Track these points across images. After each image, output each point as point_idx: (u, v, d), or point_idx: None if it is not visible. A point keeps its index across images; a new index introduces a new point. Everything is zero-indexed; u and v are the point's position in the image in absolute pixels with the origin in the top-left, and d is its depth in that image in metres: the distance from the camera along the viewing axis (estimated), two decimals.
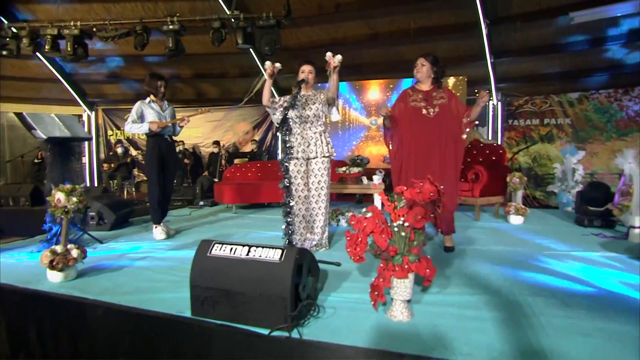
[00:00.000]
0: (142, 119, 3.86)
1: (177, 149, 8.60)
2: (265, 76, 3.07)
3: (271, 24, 5.41)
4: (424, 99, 3.13)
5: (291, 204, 2.81)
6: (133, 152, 10.12)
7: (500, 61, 7.05)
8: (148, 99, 3.93)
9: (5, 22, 6.29)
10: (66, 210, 2.46)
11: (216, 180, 7.43)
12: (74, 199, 2.47)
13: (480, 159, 5.12)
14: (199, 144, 10.30)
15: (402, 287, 1.86)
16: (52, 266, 2.42)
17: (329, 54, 2.95)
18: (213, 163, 8.60)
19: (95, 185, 9.71)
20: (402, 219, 1.87)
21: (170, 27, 5.47)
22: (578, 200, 4.45)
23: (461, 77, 7.61)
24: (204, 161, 9.31)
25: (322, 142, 3.17)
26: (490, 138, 7.62)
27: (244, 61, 8.13)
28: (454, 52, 7.21)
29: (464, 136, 3.05)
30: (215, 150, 8.76)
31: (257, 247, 1.90)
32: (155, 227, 3.89)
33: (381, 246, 1.86)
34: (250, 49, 7.45)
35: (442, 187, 2.17)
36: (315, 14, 6.62)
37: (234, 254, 1.90)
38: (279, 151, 10.01)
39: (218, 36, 5.50)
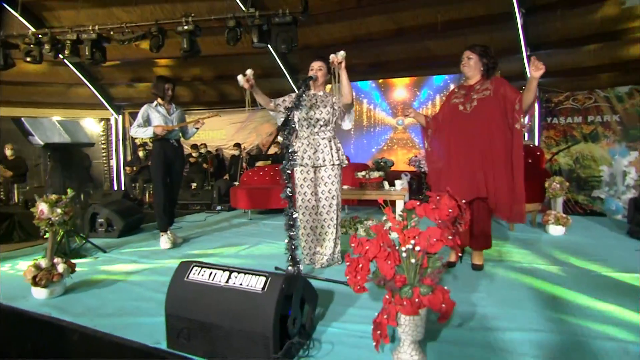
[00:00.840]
0: (149, 123, 3.71)
1: (199, 152, 8.55)
2: (246, 90, 2.78)
3: (287, 21, 5.15)
4: (465, 94, 2.76)
5: (294, 216, 2.52)
6: None
7: (538, 54, 6.45)
8: (155, 102, 3.78)
9: (32, 29, 6.41)
10: (50, 222, 2.29)
11: (236, 183, 7.28)
12: (59, 211, 2.30)
13: None
14: (222, 146, 10.23)
15: (411, 326, 1.53)
16: (35, 282, 2.25)
17: (332, 55, 2.65)
18: (234, 166, 8.48)
19: (123, 188, 9.84)
20: (412, 241, 1.54)
21: (185, 27, 5.33)
22: (631, 208, 3.89)
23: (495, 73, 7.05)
24: (227, 164, 9.21)
25: (331, 149, 2.86)
26: (526, 138, 7.03)
27: (265, 61, 7.95)
28: (489, 44, 6.68)
29: (517, 126, 2.56)
30: (236, 152, 8.64)
31: (239, 272, 1.62)
32: (162, 235, 3.72)
33: (386, 275, 1.53)
34: (271, 49, 7.26)
35: (463, 201, 1.81)
36: (336, 9, 6.31)
37: (213, 280, 1.63)
38: None
39: (233, 35, 5.31)
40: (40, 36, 5.84)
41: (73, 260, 3.17)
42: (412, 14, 6.36)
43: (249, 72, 2.75)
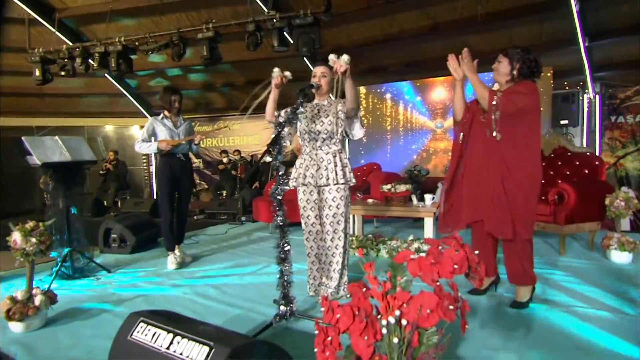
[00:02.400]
0: (155, 137, 3.55)
1: (229, 159, 8.48)
2: (272, 86, 2.51)
3: (308, 22, 4.83)
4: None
5: (286, 249, 2.19)
6: (194, 160, 10.33)
7: (599, 44, 5.63)
8: (161, 115, 3.62)
9: (70, 44, 6.63)
10: (25, 252, 2.14)
11: None
12: (33, 240, 2.14)
13: (567, 172, 3.97)
14: (257, 152, 10.10)
15: None
16: (9, 316, 2.11)
17: (331, 56, 2.30)
18: (265, 174, 8.31)
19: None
20: (397, 312, 1.14)
21: (205, 34, 5.19)
22: None
23: (546, 68, 6.27)
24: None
25: (335, 165, 2.50)
26: (585, 143, 6.17)
27: (295, 65, 7.66)
28: (535, 37, 5.95)
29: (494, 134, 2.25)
30: (268, 159, 8.46)
31: (183, 337, 1.31)
32: (169, 255, 3.55)
33: (361, 355, 1.15)
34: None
35: (477, 254, 1.38)
36: (364, 7, 5.88)
37: (155, 342, 1.35)
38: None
39: (253, 40, 5.08)
40: (77, 49, 5.99)
41: (74, 282, 3.11)
42: (448, 7, 5.78)
43: (287, 73, 2.49)
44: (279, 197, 2.19)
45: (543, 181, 4.17)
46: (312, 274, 2.66)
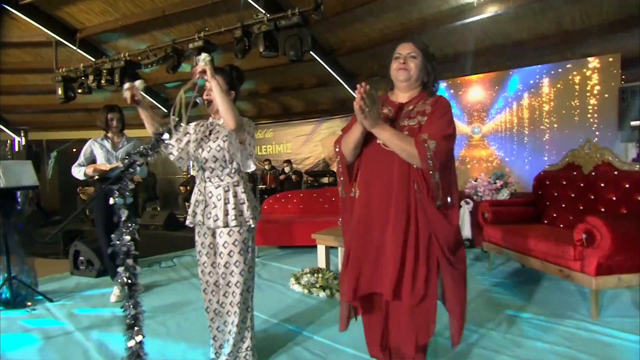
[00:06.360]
0: (95, 160, 3.27)
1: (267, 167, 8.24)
2: (138, 104, 1.96)
3: (295, 22, 4.29)
4: (392, 119, 1.63)
5: (133, 313, 1.68)
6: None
7: None
8: (102, 136, 3.34)
9: (93, 60, 6.86)
10: None
11: None
12: None
13: (613, 198, 2.91)
14: (293, 160, 9.70)
15: None
16: None
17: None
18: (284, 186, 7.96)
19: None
20: None
21: (196, 44, 4.92)
22: None
23: (610, 55, 4.96)
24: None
25: (227, 203, 1.93)
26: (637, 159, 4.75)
27: (317, 69, 7.19)
28: (593, 17, 4.72)
29: (438, 203, 1.45)
30: (287, 169, 8.11)
31: None
32: (115, 286, 3.26)
33: None
34: (315, 56, 6.49)
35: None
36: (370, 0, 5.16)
37: None
38: None
39: (242, 47, 4.68)
40: (90, 67, 6.14)
41: (6, 313, 2.94)
42: None
43: (137, 82, 1.93)
44: (124, 249, 1.68)
45: (581, 207, 3.17)
46: (213, 333, 2.13)
